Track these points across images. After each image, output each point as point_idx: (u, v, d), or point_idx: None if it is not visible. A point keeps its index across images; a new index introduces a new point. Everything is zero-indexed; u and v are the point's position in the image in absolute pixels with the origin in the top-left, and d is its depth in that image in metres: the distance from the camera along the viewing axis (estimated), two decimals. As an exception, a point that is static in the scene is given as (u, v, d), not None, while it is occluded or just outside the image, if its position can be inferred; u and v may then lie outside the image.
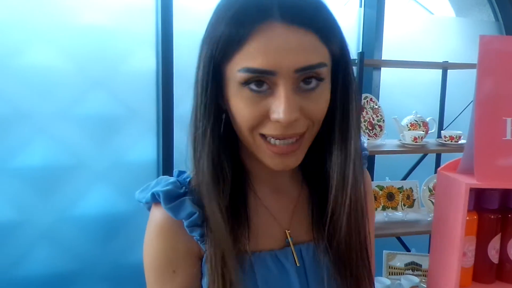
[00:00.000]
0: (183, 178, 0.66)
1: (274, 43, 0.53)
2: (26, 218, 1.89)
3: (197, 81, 0.60)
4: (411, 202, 2.05)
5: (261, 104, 0.56)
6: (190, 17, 2.02)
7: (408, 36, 2.50)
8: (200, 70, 0.59)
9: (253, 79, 0.55)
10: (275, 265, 0.64)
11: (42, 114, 1.87)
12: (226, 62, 0.57)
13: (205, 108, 0.59)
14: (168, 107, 2.02)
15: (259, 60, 0.54)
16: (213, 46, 0.56)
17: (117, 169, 2.02)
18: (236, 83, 0.56)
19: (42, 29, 1.83)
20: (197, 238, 0.63)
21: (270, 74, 0.54)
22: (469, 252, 0.82)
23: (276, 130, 0.57)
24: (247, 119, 0.57)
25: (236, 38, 0.54)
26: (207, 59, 0.57)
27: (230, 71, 0.57)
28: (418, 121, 2.07)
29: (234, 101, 0.57)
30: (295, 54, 0.54)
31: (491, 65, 0.75)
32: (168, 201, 0.62)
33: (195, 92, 0.61)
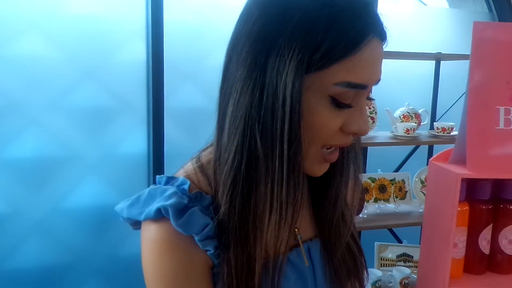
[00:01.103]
0: (180, 186, 0.58)
1: (374, 58, 0.52)
2: (16, 210, 1.87)
3: (274, 89, 0.50)
4: (403, 194, 2.05)
5: (341, 117, 0.54)
6: (181, 8, 1.99)
7: (401, 27, 2.49)
8: (281, 75, 0.49)
9: (349, 94, 0.52)
10: (290, 270, 0.61)
11: (32, 105, 1.84)
12: (319, 71, 0.50)
13: (293, 133, 0.50)
14: (158, 99, 2.00)
15: (362, 75, 0.51)
16: (308, 49, 0.49)
17: (108, 161, 2.00)
18: (322, 95, 0.51)
19: (32, 19, 1.80)
20: (210, 252, 0.56)
21: (364, 89, 0.53)
22: (460, 243, 0.82)
23: (345, 140, 0.56)
24: (327, 131, 0.54)
25: (346, 49, 0.50)
26: (298, 64, 0.49)
27: (320, 79, 0.51)
28: (410, 113, 2.07)
29: (312, 114, 0.52)
30: (380, 69, 0.55)
31: (484, 53, 0.74)
32: (178, 217, 0.53)
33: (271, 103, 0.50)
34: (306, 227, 0.65)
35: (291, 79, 0.49)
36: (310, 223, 0.66)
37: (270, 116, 0.50)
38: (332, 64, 0.50)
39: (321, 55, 0.49)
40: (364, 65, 0.51)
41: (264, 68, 0.50)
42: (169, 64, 1.98)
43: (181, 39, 1.95)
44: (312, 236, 0.65)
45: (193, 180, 0.58)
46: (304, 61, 0.49)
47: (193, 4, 1.98)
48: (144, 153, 2.07)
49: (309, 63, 0.49)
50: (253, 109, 0.51)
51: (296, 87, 0.49)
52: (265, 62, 0.50)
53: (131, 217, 0.58)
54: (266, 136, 0.51)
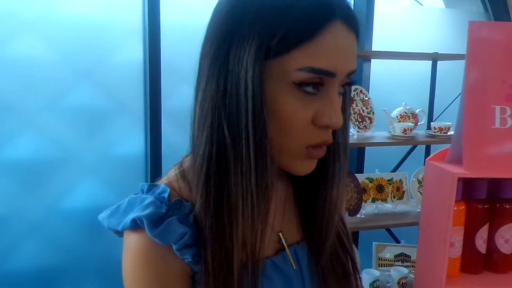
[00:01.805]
0: (159, 194, 0.57)
1: (338, 43, 0.51)
2: (13, 212, 1.87)
3: (237, 76, 0.50)
4: (400, 194, 2.06)
5: (311, 108, 0.52)
6: (178, 9, 1.99)
7: (398, 27, 2.49)
8: (242, 62, 0.50)
9: (313, 80, 0.51)
10: (274, 273, 0.60)
11: (28, 106, 1.84)
12: (279, 56, 0.50)
13: (257, 118, 0.50)
14: (155, 100, 2.00)
15: (325, 60, 0.50)
16: (267, 37, 0.49)
17: (105, 163, 2.00)
18: (288, 82, 0.51)
19: (28, 20, 1.79)
20: (189, 260, 0.55)
21: (330, 76, 0.51)
22: (456, 242, 0.82)
23: (324, 136, 0.54)
24: (297, 123, 0.52)
25: (304, 34, 0.49)
26: (258, 55, 0.50)
27: (281, 66, 0.50)
28: (407, 113, 2.07)
29: (282, 103, 0.51)
30: (351, 58, 0.53)
31: (480, 51, 0.74)
32: (154, 227, 0.53)
33: (234, 91, 0.51)
34: (292, 230, 0.65)
35: (252, 65, 0.50)
36: (297, 227, 0.65)
37: (235, 103, 0.51)
38: (291, 49, 0.50)
39: (279, 40, 0.49)
40: (328, 51, 0.50)
41: (227, 57, 0.51)
42: (166, 65, 1.98)
43: (178, 40, 1.94)
44: (299, 239, 0.65)
45: (174, 187, 0.58)
46: (263, 47, 0.50)
47: (190, 5, 1.98)
48: (141, 154, 2.07)
49: (268, 48, 0.50)
50: (219, 98, 0.52)
51: (256, 73, 0.50)
52: (227, 51, 0.51)
53: (110, 227, 0.58)
54: (232, 124, 0.51)
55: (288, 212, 0.65)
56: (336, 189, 0.61)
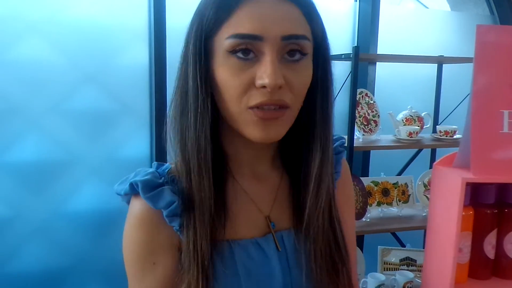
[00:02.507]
0: (162, 169, 0.66)
1: (262, 10, 0.56)
2: (18, 214, 1.87)
3: (186, 59, 0.60)
4: (406, 198, 2.05)
5: (248, 72, 0.57)
6: (183, 12, 1.98)
7: (403, 30, 2.48)
8: (190, 47, 0.59)
9: (241, 45, 0.56)
10: (256, 252, 0.64)
11: (34, 109, 1.85)
12: (214, 34, 0.58)
13: (199, 85, 0.59)
14: (161, 103, 2.00)
15: (247, 26, 0.56)
16: (202, 21, 0.58)
17: (110, 165, 2.00)
18: (223, 52, 0.57)
19: (34, 23, 1.81)
20: (176, 228, 0.62)
21: (258, 39, 0.56)
22: (465, 248, 0.81)
23: (262, 97, 0.57)
24: (235, 88, 0.57)
25: (225, 8, 0.57)
26: (197, 34, 0.59)
27: (217, 42, 0.58)
28: (413, 116, 2.06)
29: (221, 72, 0.58)
30: (282, 22, 0.56)
31: (488, 55, 0.73)
32: (147, 191, 0.61)
33: (183, 71, 0.61)
34: (283, 218, 0.69)
35: (193, 46, 0.59)
36: (288, 215, 0.69)
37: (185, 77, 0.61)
38: (220, 24, 0.57)
39: (207, 20, 0.58)
40: (250, 17, 0.56)
41: (185, 49, 0.61)
42: (172, 68, 1.97)
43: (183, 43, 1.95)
44: (287, 226, 0.68)
45: (176, 167, 0.65)
46: (200, 28, 0.59)
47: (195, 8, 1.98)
48: (146, 156, 2.07)
49: (204, 28, 0.58)
50: (178, 78, 0.62)
51: (197, 51, 0.59)
52: (186, 44, 0.61)
53: (118, 192, 0.66)
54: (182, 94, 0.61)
55: (280, 200, 0.69)
56: (317, 170, 0.64)
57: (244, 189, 0.67)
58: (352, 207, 0.82)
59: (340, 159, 0.75)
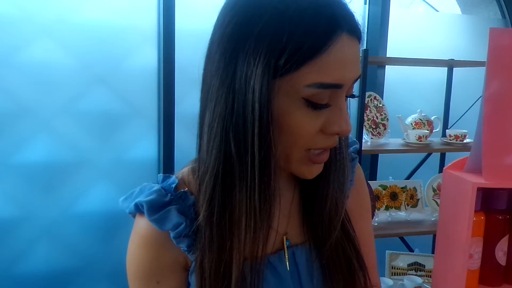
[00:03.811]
0: (168, 184, 0.61)
1: (347, 57, 0.51)
2: (27, 214, 1.88)
3: (244, 96, 0.51)
4: (414, 202, 2.03)
5: (320, 119, 0.53)
6: (192, 15, 2.00)
7: (413, 33, 2.47)
8: (249, 82, 0.50)
9: (323, 96, 0.52)
10: (268, 271, 0.62)
11: (44, 110, 1.86)
12: (288, 75, 0.50)
13: (262, 137, 0.51)
14: (169, 105, 2.00)
15: (334, 76, 0.51)
16: (273, 54, 0.49)
17: (119, 167, 2.01)
18: (296, 98, 0.51)
19: (45, 25, 1.82)
20: (184, 249, 0.59)
21: (339, 88, 0.52)
22: (475, 254, 0.80)
23: (329, 142, 0.55)
24: (305, 136, 0.53)
25: (311, 50, 0.49)
26: (265, 70, 0.49)
27: (291, 85, 0.51)
28: (422, 120, 2.05)
29: (289, 119, 0.52)
30: (356, 66, 0.53)
31: (501, 59, 0.72)
32: (152, 213, 0.57)
33: (242, 111, 0.51)
34: (295, 232, 0.66)
35: (259, 84, 0.50)
36: (300, 229, 0.66)
37: (242, 122, 0.51)
38: (299, 66, 0.49)
39: (287, 58, 0.49)
40: (335, 64, 0.50)
41: (234, 76, 0.51)
42: (180, 70, 1.99)
43: (192, 45, 1.95)
44: (300, 241, 0.65)
45: (184, 180, 0.61)
46: (270, 66, 0.49)
47: (204, 10, 1.99)
48: (154, 158, 2.07)
49: (276, 67, 0.50)
50: (227, 116, 0.52)
51: (263, 92, 0.50)
52: (234, 70, 0.51)
53: (123, 209, 0.63)
54: (239, 142, 0.52)
55: (293, 214, 0.66)
56: (335, 186, 0.62)
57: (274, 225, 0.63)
58: (368, 213, 0.79)
59: (353, 167, 0.72)
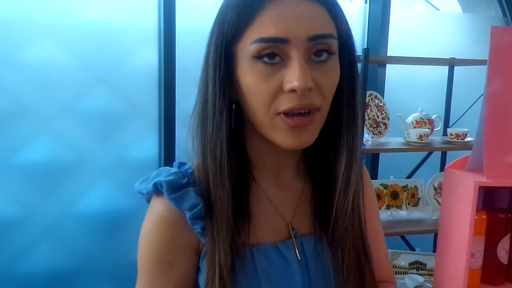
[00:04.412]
0: (185, 169, 0.65)
1: (286, 13, 0.54)
2: (28, 214, 1.89)
3: (207, 67, 0.59)
4: (415, 201, 2.03)
5: (275, 77, 0.55)
6: (193, 14, 2.00)
7: (414, 32, 2.47)
8: (210, 54, 0.58)
9: (266, 50, 0.55)
10: (277, 258, 0.64)
11: (45, 110, 1.86)
12: (237, 40, 0.57)
13: (218, 92, 0.58)
14: (170, 105, 2.01)
15: (272, 29, 0.54)
16: (223, 27, 0.57)
17: (119, 166, 2.01)
18: (248, 58, 0.56)
19: (45, 25, 1.82)
20: (198, 231, 0.61)
21: (283, 42, 0.54)
22: (477, 252, 0.80)
23: (291, 102, 0.55)
24: (263, 94, 0.56)
25: (247, 13, 0.55)
26: (218, 41, 0.57)
27: (241, 48, 0.57)
28: (423, 119, 2.04)
29: (247, 78, 0.57)
30: (307, 23, 0.55)
31: (503, 58, 0.72)
32: (171, 191, 0.60)
33: (205, 79, 0.60)
34: (303, 223, 0.68)
35: (214, 53, 0.58)
36: (310, 220, 0.68)
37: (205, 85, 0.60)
38: (242, 31, 0.56)
39: (228, 26, 0.57)
40: (274, 20, 0.54)
41: (206, 56, 0.60)
42: (181, 70, 1.99)
43: (193, 45, 1.95)
44: (308, 231, 0.67)
45: (198, 167, 0.64)
46: (221, 37, 0.57)
47: (205, 10, 1.99)
48: (155, 158, 2.07)
49: (226, 35, 0.57)
50: (199, 85, 0.61)
51: (218, 58, 0.57)
52: (208, 52, 0.60)
53: (140, 191, 0.65)
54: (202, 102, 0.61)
55: (302, 206, 0.68)
56: (345, 170, 0.63)
57: (267, 195, 0.66)
58: (375, 207, 0.81)
59: None
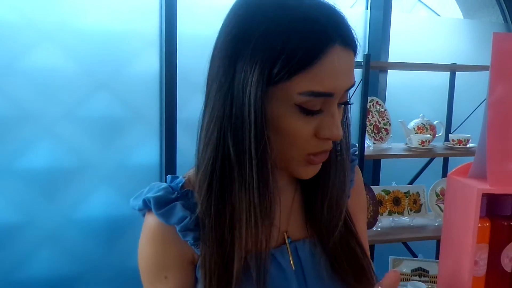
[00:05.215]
0: (176, 183, 0.65)
1: (339, 67, 0.54)
2: (30, 220, 1.88)
3: (241, 102, 0.54)
4: (418, 207, 2.02)
5: (313, 123, 0.57)
6: (194, 20, 2.01)
7: (415, 38, 2.47)
8: (246, 88, 0.54)
9: (314, 102, 0.55)
10: (272, 265, 0.63)
11: (46, 116, 1.86)
12: (281, 83, 0.54)
13: (258, 140, 0.55)
14: (171, 110, 2.01)
15: (325, 85, 0.54)
16: (268, 64, 0.53)
17: (121, 172, 2.01)
18: (291, 104, 0.55)
19: (47, 30, 1.83)
20: (190, 242, 0.62)
21: (330, 97, 0.55)
22: (481, 260, 0.79)
23: (323, 146, 0.58)
24: (300, 138, 0.57)
25: (304, 61, 0.52)
26: (259, 77, 0.53)
27: (284, 92, 0.54)
28: (425, 125, 2.04)
29: (285, 122, 0.56)
30: (348, 76, 0.56)
31: (505, 64, 0.72)
32: (158, 207, 0.61)
33: (239, 114, 0.55)
34: (297, 229, 0.68)
35: (254, 91, 0.53)
36: (302, 226, 0.68)
37: (240, 125, 0.55)
38: (291, 76, 0.53)
39: (280, 68, 0.52)
40: (326, 75, 0.53)
41: (232, 83, 0.55)
42: (182, 76, 1.99)
43: (194, 50, 1.95)
44: (302, 236, 0.68)
45: (190, 180, 0.65)
46: (264, 74, 0.53)
47: (206, 15, 1.99)
48: (156, 163, 2.07)
49: (270, 76, 0.53)
50: (225, 119, 0.56)
51: (258, 98, 0.53)
52: (233, 76, 0.55)
53: (133, 207, 0.66)
54: (237, 143, 0.56)
55: (295, 212, 0.69)
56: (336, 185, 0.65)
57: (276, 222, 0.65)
58: (365, 214, 0.82)
59: (353, 167, 0.74)
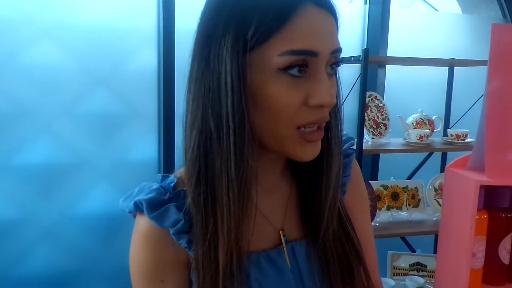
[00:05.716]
0: (167, 183, 0.62)
1: (316, 25, 0.52)
2: (28, 216, 1.88)
3: (218, 73, 0.53)
4: (416, 202, 2.02)
5: (300, 90, 0.53)
6: (192, 16, 1.99)
7: (414, 33, 2.47)
8: (224, 60, 0.52)
9: (296, 62, 0.52)
10: (268, 266, 0.62)
11: (44, 112, 1.86)
12: (257, 48, 0.52)
13: (235, 107, 0.52)
14: (169, 106, 2.00)
15: (304, 42, 0.51)
16: (245, 30, 0.51)
17: (119, 168, 2.01)
18: (272, 69, 0.52)
19: (45, 27, 1.82)
20: (184, 245, 0.59)
21: (313, 56, 0.52)
22: (478, 252, 0.79)
23: (313, 116, 0.54)
24: (288, 107, 0.53)
25: (278, 19, 0.51)
26: (234, 45, 0.52)
27: (261, 57, 0.52)
28: (423, 120, 2.04)
29: (270, 91, 0.53)
30: (330, 37, 0.54)
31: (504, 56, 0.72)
32: (151, 210, 0.58)
33: (213, 89, 0.53)
34: (293, 228, 0.66)
35: (229, 60, 0.52)
36: (298, 225, 0.66)
37: (217, 97, 0.53)
38: (267, 38, 0.51)
39: (253, 31, 0.51)
40: (303, 32, 0.51)
41: (208, 57, 0.54)
42: (180, 72, 1.99)
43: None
44: (299, 236, 0.66)
45: (182, 179, 0.61)
46: (239, 41, 0.52)
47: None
48: (154, 159, 2.07)
49: (245, 42, 0.52)
50: (205, 94, 0.54)
51: (234, 66, 0.52)
52: (209, 52, 0.54)
53: (123, 209, 0.63)
54: (216, 118, 0.54)
55: (290, 210, 0.67)
56: (331, 183, 0.62)
57: (255, 204, 0.62)
58: (366, 208, 0.79)
59: (349, 162, 0.72)
